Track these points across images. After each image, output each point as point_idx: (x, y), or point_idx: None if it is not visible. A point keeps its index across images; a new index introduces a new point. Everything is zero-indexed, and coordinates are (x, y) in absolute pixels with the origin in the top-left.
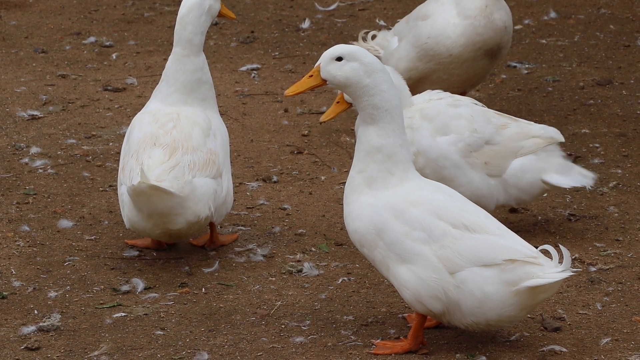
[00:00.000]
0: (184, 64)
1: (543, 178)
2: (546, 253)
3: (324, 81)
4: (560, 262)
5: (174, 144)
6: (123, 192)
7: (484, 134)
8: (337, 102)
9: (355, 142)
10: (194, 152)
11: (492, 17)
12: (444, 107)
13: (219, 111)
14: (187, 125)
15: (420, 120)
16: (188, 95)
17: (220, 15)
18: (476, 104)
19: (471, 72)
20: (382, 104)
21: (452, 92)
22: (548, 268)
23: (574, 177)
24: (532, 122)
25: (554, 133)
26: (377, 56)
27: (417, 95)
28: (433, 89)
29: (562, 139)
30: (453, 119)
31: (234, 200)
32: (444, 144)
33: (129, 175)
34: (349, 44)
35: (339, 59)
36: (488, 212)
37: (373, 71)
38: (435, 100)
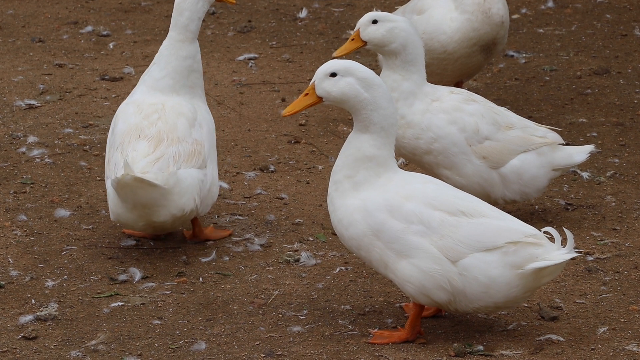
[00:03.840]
0: (178, 49)
1: (553, 166)
2: (548, 235)
3: (320, 98)
4: (563, 244)
5: (159, 135)
6: (109, 185)
7: (485, 134)
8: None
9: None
10: (180, 143)
11: (490, 11)
12: (459, 104)
13: (217, 100)
14: (172, 116)
15: (438, 110)
16: (177, 81)
17: (218, 0)
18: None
19: (465, 67)
20: (379, 121)
21: (446, 83)
22: (552, 250)
23: (579, 153)
24: (538, 125)
25: (555, 138)
26: None
27: (439, 87)
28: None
29: (562, 142)
30: (465, 114)
31: (231, 189)
32: (455, 132)
33: (113, 169)
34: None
35: (333, 74)
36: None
37: (370, 85)
38: (455, 95)
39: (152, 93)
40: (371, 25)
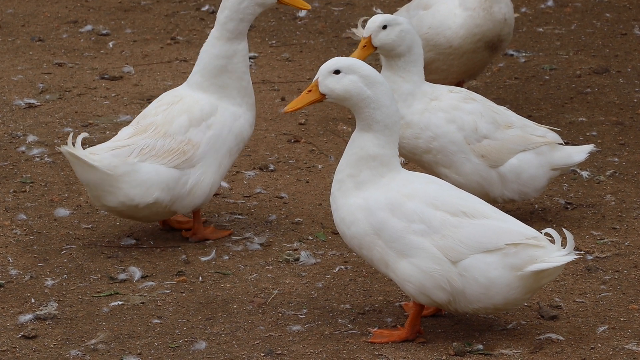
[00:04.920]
0: (212, 46)
1: (552, 166)
2: (549, 237)
3: (323, 95)
4: (563, 245)
5: (149, 126)
6: None
7: (484, 132)
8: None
9: (352, 130)
10: (164, 138)
11: (492, 9)
12: (458, 102)
13: None
14: (176, 111)
15: (436, 109)
16: (207, 79)
17: (283, 3)
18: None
19: (470, 63)
20: (382, 119)
21: (449, 82)
22: (552, 252)
23: (578, 153)
24: (538, 125)
25: (554, 138)
26: None
27: (438, 86)
28: (431, 78)
29: (562, 142)
30: (463, 113)
31: (231, 188)
32: (454, 131)
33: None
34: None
35: (337, 72)
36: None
37: (373, 83)
38: (454, 93)
39: (185, 87)
40: (382, 31)
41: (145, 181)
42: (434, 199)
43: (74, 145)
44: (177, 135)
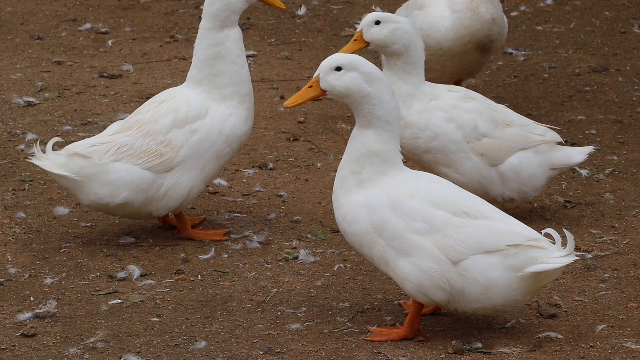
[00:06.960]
0: (205, 37)
1: (551, 165)
2: (549, 237)
3: (324, 91)
4: (564, 245)
5: (134, 124)
6: None
7: (483, 131)
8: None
9: (351, 129)
10: (144, 138)
11: (478, 10)
12: (457, 101)
13: None
14: (163, 111)
15: (435, 108)
16: (201, 70)
17: (264, 1)
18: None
19: (463, 64)
20: (383, 115)
21: (447, 81)
22: (552, 252)
23: (577, 154)
24: (537, 123)
25: (554, 137)
26: None
27: (438, 86)
28: (428, 77)
29: (561, 140)
30: (462, 112)
31: (230, 187)
32: (453, 130)
33: None
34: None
35: (338, 68)
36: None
37: (374, 80)
38: (453, 92)
39: (184, 85)
40: (374, 26)
41: (115, 181)
42: (435, 198)
43: (44, 153)
44: (158, 135)
